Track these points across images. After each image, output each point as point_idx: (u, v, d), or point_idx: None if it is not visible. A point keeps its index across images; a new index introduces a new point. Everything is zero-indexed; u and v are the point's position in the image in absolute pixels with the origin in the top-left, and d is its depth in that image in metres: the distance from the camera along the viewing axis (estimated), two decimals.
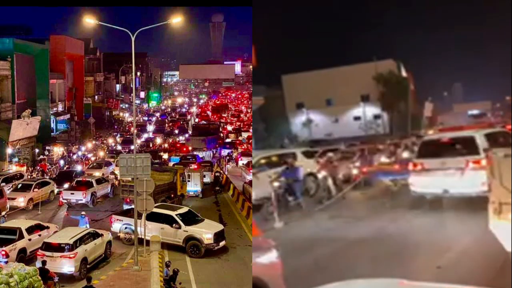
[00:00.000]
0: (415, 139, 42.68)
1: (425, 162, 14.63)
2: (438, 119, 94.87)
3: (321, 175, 19.42)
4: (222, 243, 19.45)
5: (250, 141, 54.66)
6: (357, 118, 71.48)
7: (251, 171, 27.80)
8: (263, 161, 19.86)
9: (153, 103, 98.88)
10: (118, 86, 76.66)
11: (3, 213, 22.97)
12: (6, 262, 15.10)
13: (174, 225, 19.45)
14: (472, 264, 9.41)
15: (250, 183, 28.13)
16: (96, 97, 63.73)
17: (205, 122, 69.31)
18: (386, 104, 67.74)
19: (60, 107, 49.69)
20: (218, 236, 19.33)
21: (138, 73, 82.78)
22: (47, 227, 19.40)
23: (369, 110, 70.88)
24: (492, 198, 8.33)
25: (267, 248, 7.70)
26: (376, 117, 70.14)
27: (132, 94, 36.37)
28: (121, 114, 71.71)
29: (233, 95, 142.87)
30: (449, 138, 15.32)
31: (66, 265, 16.13)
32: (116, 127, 64.67)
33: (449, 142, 14.89)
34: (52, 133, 44.53)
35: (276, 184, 16.86)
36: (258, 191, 18.23)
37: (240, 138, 58.80)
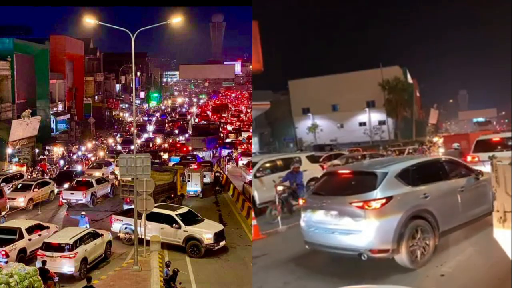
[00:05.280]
0: (416, 145, 42.82)
1: (480, 155, 18.00)
2: (443, 125, 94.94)
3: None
4: (222, 243, 19.46)
5: (250, 141, 54.67)
6: (362, 124, 71.60)
7: (251, 171, 27.79)
8: (267, 164, 19.84)
9: (153, 103, 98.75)
10: (118, 86, 76.57)
11: (3, 213, 22.96)
12: (6, 262, 15.10)
13: (174, 225, 19.45)
14: (475, 273, 9.36)
15: (250, 183, 28.10)
16: (96, 97, 63.68)
17: (205, 122, 69.26)
18: (391, 110, 67.84)
19: (60, 107, 49.68)
20: (218, 236, 19.34)
21: (138, 73, 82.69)
22: (47, 227, 19.40)
23: (374, 116, 70.99)
24: (496, 206, 8.28)
25: None
26: (381, 123, 70.24)
27: (132, 94, 36.37)
28: (121, 114, 71.65)
29: (233, 95, 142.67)
30: (500, 138, 20.02)
31: (66, 265, 16.14)
32: (116, 127, 64.64)
33: (500, 141, 19.36)
34: (52, 133, 44.53)
35: (280, 188, 16.85)
36: (261, 194, 18.22)
37: (240, 138, 58.75)
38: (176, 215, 19.84)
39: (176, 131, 61.48)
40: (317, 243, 10.57)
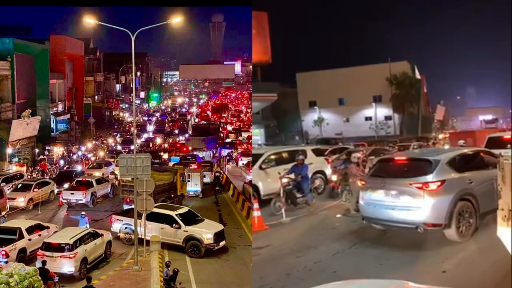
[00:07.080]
0: (415, 142, 42.74)
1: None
2: (449, 122, 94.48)
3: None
4: (222, 243, 19.45)
5: (250, 141, 54.62)
6: (368, 119, 71.40)
7: (251, 171, 27.79)
8: (273, 156, 19.84)
9: (153, 103, 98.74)
10: (118, 86, 76.56)
11: (3, 213, 22.96)
12: (6, 262, 15.10)
13: (174, 225, 19.44)
14: (477, 270, 9.37)
15: (250, 183, 28.11)
16: (96, 97, 63.67)
17: (205, 122, 69.25)
18: (398, 106, 67.57)
19: (60, 107, 49.67)
20: (218, 236, 19.33)
21: (138, 73, 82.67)
22: (47, 227, 19.39)
23: (381, 111, 70.77)
24: (501, 205, 8.27)
25: None
26: (387, 118, 70.01)
27: (132, 94, 36.36)
28: (121, 114, 71.65)
29: (233, 95, 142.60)
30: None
31: (66, 265, 16.13)
32: (116, 127, 64.64)
33: (510, 139, 20.13)
34: (52, 133, 44.51)
35: (285, 180, 16.87)
36: (266, 186, 18.25)
37: (240, 138, 58.74)
38: (176, 215, 19.83)
39: (176, 131, 61.47)
40: (375, 218, 12.03)
